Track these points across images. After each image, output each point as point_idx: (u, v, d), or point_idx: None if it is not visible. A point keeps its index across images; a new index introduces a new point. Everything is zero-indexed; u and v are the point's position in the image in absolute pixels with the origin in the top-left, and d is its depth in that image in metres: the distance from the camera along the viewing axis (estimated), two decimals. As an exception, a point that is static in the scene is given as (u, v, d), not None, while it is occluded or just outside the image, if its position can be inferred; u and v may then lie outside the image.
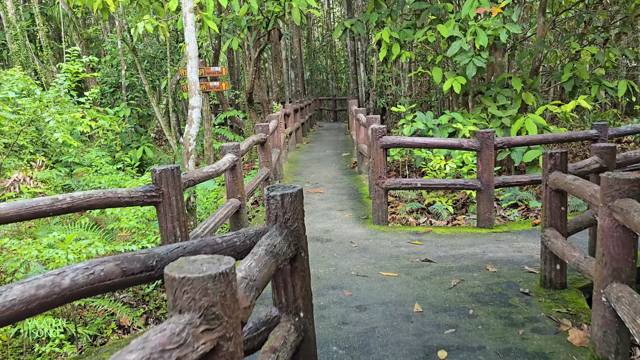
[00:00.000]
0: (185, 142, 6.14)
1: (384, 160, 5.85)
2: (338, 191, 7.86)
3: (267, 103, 13.53)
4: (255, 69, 12.54)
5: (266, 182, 7.01)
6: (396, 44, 10.26)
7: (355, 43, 21.68)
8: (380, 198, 5.90)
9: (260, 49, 12.21)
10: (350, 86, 26.08)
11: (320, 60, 31.05)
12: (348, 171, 9.38)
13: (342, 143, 13.69)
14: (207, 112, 9.94)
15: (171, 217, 3.57)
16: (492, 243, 5.32)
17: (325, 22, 33.01)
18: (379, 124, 7.02)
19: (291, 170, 9.83)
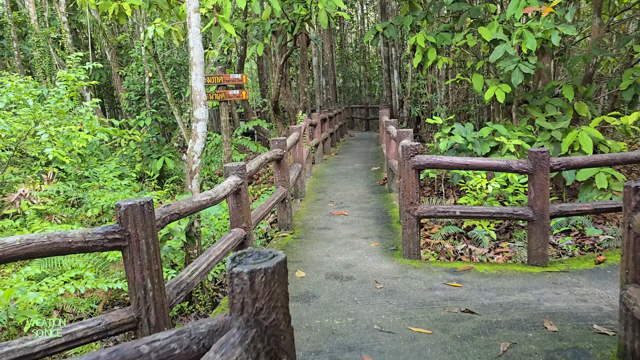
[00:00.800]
0: (189, 160, 5.40)
1: (417, 183, 4.96)
2: (364, 213, 6.99)
3: (293, 112, 12.80)
4: (280, 76, 11.83)
5: (282, 203, 6.22)
6: (432, 49, 9.36)
7: (389, 49, 20.79)
8: (411, 227, 5.02)
9: (286, 54, 11.49)
10: (383, 94, 25.17)
11: (353, 67, 30.24)
12: (377, 189, 8.50)
13: (373, 155, 12.80)
14: (226, 122, 9.25)
15: (140, 266, 2.80)
16: (547, 287, 4.36)
17: (358, 27, 32.21)
18: (411, 139, 6.14)
19: (315, 186, 9.02)
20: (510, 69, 7.87)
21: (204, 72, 5.47)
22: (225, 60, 16.50)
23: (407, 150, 4.92)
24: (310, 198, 8.09)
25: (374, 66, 29.06)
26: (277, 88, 11.96)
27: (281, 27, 11.17)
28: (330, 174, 10.13)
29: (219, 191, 4.06)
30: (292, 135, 7.54)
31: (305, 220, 6.80)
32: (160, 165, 12.09)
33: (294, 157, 8.02)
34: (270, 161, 5.71)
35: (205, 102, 5.47)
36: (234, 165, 4.50)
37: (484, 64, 9.60)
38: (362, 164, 11.24)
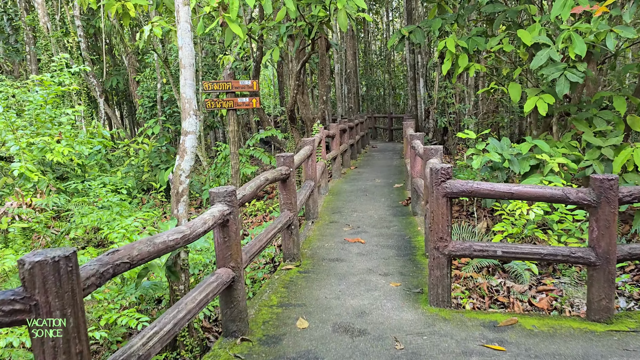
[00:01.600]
0: (175, 180, 4.55)
1: (448, 214, 4.02)
2: (384, 241, 6.04)
3: (311, 121, 11.93)
4: (297, 83, 10.99)
5: (288, 230, 5.33)
6: (464, 55, 8.41)
7: (414, 56, 19.83)
8: (440, 268, 4.07)
9: (303, 60, 10.65)
10: (408, 103, 24.18)
11: (377, 75, 29.33)
12: (399, 210, 7.55)
13: (396, 170, 11.83)
14: (234, 132, 8.43)
15: (53, 349, 1.94)
16: (617, 357, 3.37)
17: (383, 34, 31.35)
18: (441, 157, 5.18)
19: (330, 205, 8.11)
20: (555, 77, 6.87)
21: (194, 77, 4.63)
22: (242, 67, 15.78)
23: (437, 174, 3.98)
24: (323, 220, 7.18)
25: (398, 74, 28.11)
26: (294, 96, 11.12)
27: (298, 31, 10.34)
28: (348, 191, 9.21)
29: (196, 225, 3.19)
30: (303, 149, 6.65)
31: (316, 248, 5.89)
32: (167, 177, 11.33)
33: (306, 173, 7.14)
34: (273, 181, 4.83)
35: (197, 112, 4.62)
36: (221, 190, 3.62)
37: (522, 71, 8.61)
38: (383, 180, 10.29)
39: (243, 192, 3.99)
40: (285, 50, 10.91)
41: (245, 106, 8.41)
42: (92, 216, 5.65)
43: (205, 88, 8.26)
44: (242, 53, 13.64)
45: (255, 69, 12.58)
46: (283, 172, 5.10)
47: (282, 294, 4.57)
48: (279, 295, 4.54)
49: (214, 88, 8.30)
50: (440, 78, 18.23)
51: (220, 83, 8.30)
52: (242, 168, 10.24)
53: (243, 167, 10.24)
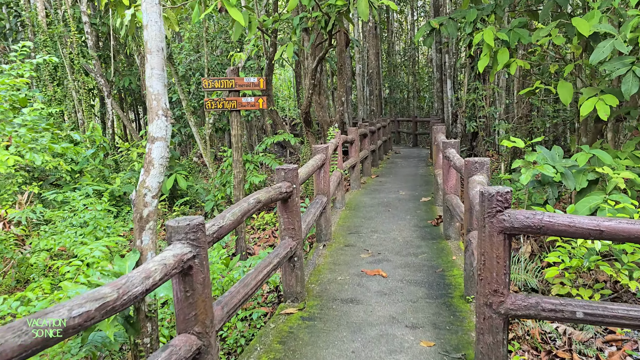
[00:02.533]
0: (138, 201, 3.47)
1: (506, 258, 2.85)
2: (411, 274, 4.87)
3: (328, 125, 10.81)
4: (313, 82, 9.87)
5: (290, 263, 4.20)
6: (504, 49, 7.17)
7: (442, 56, 18.57)
8: (494, 333, 2.90)
9: (319, 56, 9.53)
10: (434, 106, 22.88)
11: (400, 77, 28.07)
12: (429, 232, 6.35)
13: (422, 180, 10.61)
14: (238, 137, 7.36)
15: None
16: None
17: (408, 34, 30.12)
18: (488, 174, 3.99)
19: (346, 223, 6.95)
20: (620, 74, 5.61)
21: (164, 65, 3.53)
22: (256, 66, 14.74)
23: (491, 202, 2.81)
24: (338, 242, 6.04)
25: (423, 76, 26.82)
26: (309, 96, 10.00)
27: (313, 23, 9.23)
28: (368, 205, 8.04)
29: (132, 282, 2.08)
30: (313, 159, 5.52)
31: (326, 282, 4.75)
32: (171, 184, 10.33)
33: (317, 186, 6.01)
34: (269, 203, 3.71)
35: (167, 112, 3.53)
36: (181, 224, 2.51)
37: (575, 67, 7.36)
38: (408, 192, 9.09)
39: (220, 223, 2.88)
40: (301, 47, 9.80)
41: (251, 107, 7.33)
42: (53, 239, 4.60)
43: (205, 86, 7.19)
44: (255, 50, 12.59)
45: (268, 68, 11.51)
46: (283, 191, 3.97)
47: (276, 354, 3.44)
48: (272, 356, 3.41)
49: (215, 86, 7.23)
50: (470, 79, 16.95)
51: (221, 80, 7.23)
52: (249, 176, 9.17)
53: (251, 176, 9.16)
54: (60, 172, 8.48)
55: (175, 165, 10.92)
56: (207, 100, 7.27)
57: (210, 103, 7.29)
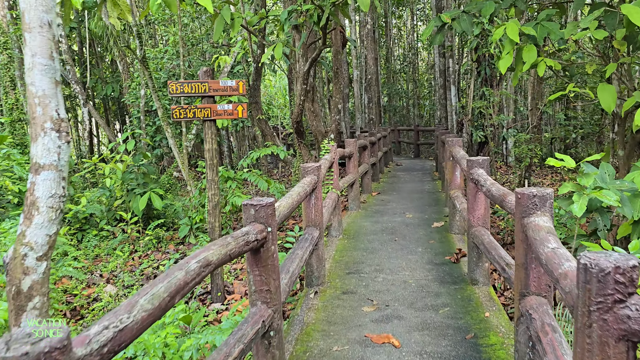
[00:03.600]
0: (13, 266, 2.18)
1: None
2: (433, 343, 3.57)
3: (323, 135, 9.56)
4: (305, 87, 8.63)
5: (263, 340, 2.92)
6: (530, 47, 5.93)
7: (445, 61, 17.38)
8: None
9: (312, 58, 8.29)
10: (435, 114, 21.68)
11: (399, 84, 26.89)
12: (448, 271, 5.07)
13: (430, 198, 9.34)
14: (213, 152, 6.10)
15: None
16: None
17: (407, 39, 29.01)
18: (551, 213, 2.71)
19: (344, 258, 5.66)
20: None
21: (54, 49, 2.27)
22: (245, 72, 13.49)
23: (605, 284, 1.55)
24: (333, 287, 4.75)
25: (424, 83, 25.64)
26: (300, 103, 8.75)
27: (305, 19, 8.02)
28: (370, 232, 6.76)
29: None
30: (301, 184, 4.23)
31: (316, 353, 3.46)
32: (144, 204, 9.03)
33: (307, 217, 4.73)
34: (222, 264, 2.43)
35: (61, 126, 2.26)
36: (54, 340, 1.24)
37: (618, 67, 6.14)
38: (416, 214, 7.81)
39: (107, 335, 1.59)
40: (291, 47, 8.55)
41: (228, 116, 6.07)
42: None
43: (172, 91, 5.93)
44: (242, 53, 11.36)
45: (255, 72, 10.26)
46: (251, 239, 2.68)
47: None
48: None
49: (185, 91, 5.97)
50: (476, 85, 15.75)
51: (192, 84, 5.98)
52: (230, 197, 7.88)
53: (232, 196, 7.87)
54: (5, 193, 7.22)
55: (150, 183, 9.63)
56: (174, 109, 6.01)
57: (178, 112, 6.03)
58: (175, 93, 6.01)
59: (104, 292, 6.75)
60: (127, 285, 6.93)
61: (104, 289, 6.87)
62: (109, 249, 8.45)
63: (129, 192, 9.55)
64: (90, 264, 8.05)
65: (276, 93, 37.88)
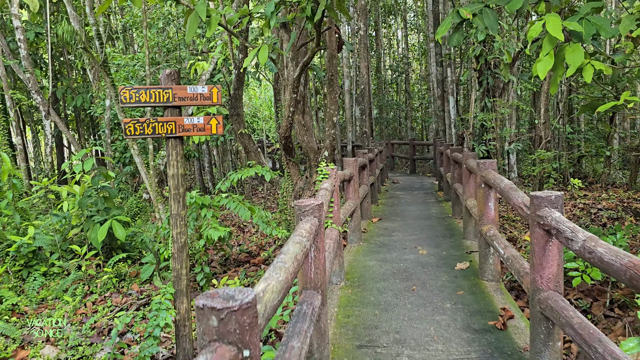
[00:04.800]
0: None
1: None
2: None
3: (315, 153, 8.21)
4: (294, 97, 7.29)
5: None
6: (576, 47, 4.69)
7: (443, 70, 16.21)
8: None
9: (303, 62, 6.96)
10: (430, 127, 20.48)
11: (390, 95, 25.73)
12: (496, 345, 3.71)
13: (442, 224, 8.01)
14: (178, 178, 4.73)
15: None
16: None
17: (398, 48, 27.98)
18: None
19: (350, 320, 4.28)
20: None
21: None
22: (225, 81, 12.11)
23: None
24: (341, 371, 3.38)
25: (417, 94, 24.49)
26: (289, 116, 7.41)
27: (295, 14, 6.72)
28: (378, 276, 5.39)
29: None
30: (297, 235, 2.84)
31: None
32: (104, 235, 7.57)
33: (304, 277, 3.35)
34: None
35: None
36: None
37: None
38: (431, 248, 6.47)
39: None
40: (278, 50, 7.21)
41: (198, 132, 4.72)
42: None
43: (124, 100, 4.55)
44: (222, 57, 9.99)
45: (236, 80, 8.90)
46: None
47: None
48: None
49: (141, 99, 4.60)
50: (478, 96, 14.58)
51: (151, 91, 4.62)
52: (205, 229, 6.46)
53: (207, 228, 6.45)
54: None
55: (113, 208, 8.18)
56: (127, 123, 4.63)
57: (132, 126, 4.65)
58: (128, 102, 4.63)
59: (40, 357, 5.29)
60: (71, 346, 5.48)
61: (41, 351, 5.40)
62: (58, 291, 6.97)
63: (88, 219, 8.09)
64: (33, 311, 6.57)
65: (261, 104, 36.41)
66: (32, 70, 12.05)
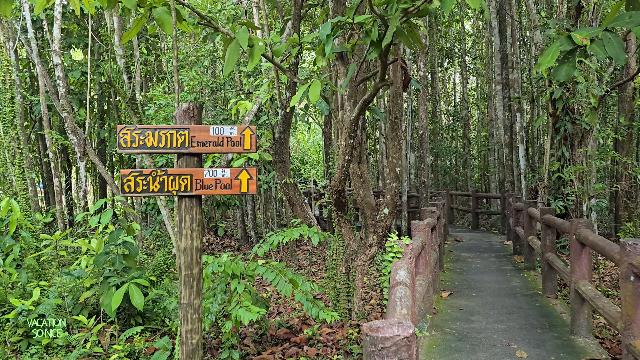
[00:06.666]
0: None
1: None
2: None
3: (372, 210, 6.77)
4: (351, 144, 5.97)
5: None
6: None
7: (512, 115, 14.63)
8: None
9: (364, 99, 5.66)
10: (492, 177, 18.70)
11: (447, 142, 24.16)
12: None
13: (531, 305, 6.30)
14: (193, 252, 3.40)
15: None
16: None
17: (455, 92, 26.59)
18: None
19: None
20: None
21: None
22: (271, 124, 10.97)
23: None
24: None
25: (478, 141, 22.81)
26: (343, 166, 6.07)
27: (356, 41, 5.48)
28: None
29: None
30: None
31: None
32: (118, 301, 6.32)
33: None
34: None
35: None
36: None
37: None
38: (531, 348, 4.80)
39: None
40: (332, 87, 5.90)
41: (223, 189, 3.42)
42: None
43: (124, 144, 3.32)
44: (268, 96, 8.83)
45: (283, 121, 7.70)
46: None
47: None
48: None
49: (146, 143, 3.38)
50: (553, 144, 12.88)
51: (160, 132, 3.39)
52: (233, 308, 5.06)
53: (237, 307, 5.06)
54: None
55: (132, 268, 6.97)
56: (126, 176, 3.38)
57: (132, 181, 3.39)
58: (128, 148, 3.39)
59: None
60: None
61: None
62: (56, 374, 5.70)
63: (103, 280, 6.88)
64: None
65: (309, 149, 35.31)
66: (69, 110, 11.34)
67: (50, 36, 12.21)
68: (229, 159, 9.20)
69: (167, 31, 4.93)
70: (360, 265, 6.97)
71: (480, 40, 24.02)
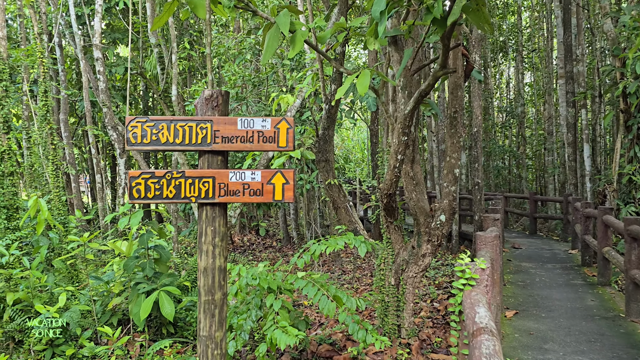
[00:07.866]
0: None
1: None
2: None
3: (426, 216, 6.01)
4: (405, 141, 5.23)
5: None
6: None
7: (576, 111, 13.44)
8: None
9: (421, 90, 4.90)
10: (551, 178, 17.44)
11: (501, 140, 22.91)
12: None
13: (614, 330, 5.39)
14: (216, 272, 2.74)
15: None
16: None
17: (509, 88, 25.25)
18: None
19: None
20: None
21: None
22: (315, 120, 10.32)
23: None
24: None
25: (534, 139, 21.49)
26: (395, 166, 5.34)
27: (413, 20, 4.70)
28: None
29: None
30: None
31: None
32: (147, 311, 5.82)
33: None
34: None
35: None
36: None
37: None
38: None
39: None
40: (383, 77, 5.14)
41: (252, 196, 2.73)
42: None
43: (133, 140, 2.70)
44: (312, 90, 8.16)
45: (327, 116, 7.02)
46: None
47: None
48: None
49: (160, 139, 2.74)
50: (624, 143, 11.67)
51: (177, 125, 2.74)
52: (270, 329, 4.42)
53: (272, 327, 4.42)
54: None
55: (163, 275, 6.46)
56: (135, 178, 2.76)
57: (143, 184, 2.77)
58: (139, 144, 2.77)
59: None
60: None
61: None
62: (79, 388, 5.25)
63: (133, 287, 6.41)
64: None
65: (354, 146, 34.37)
66: (109, 105, 11.04)
67: (91, 30, 11.97)
68: (269, 157, 8.61)
69: (200, 15, 4.34)
70: (411, 277, 6.22)
71: (537, 32, 22.62)
